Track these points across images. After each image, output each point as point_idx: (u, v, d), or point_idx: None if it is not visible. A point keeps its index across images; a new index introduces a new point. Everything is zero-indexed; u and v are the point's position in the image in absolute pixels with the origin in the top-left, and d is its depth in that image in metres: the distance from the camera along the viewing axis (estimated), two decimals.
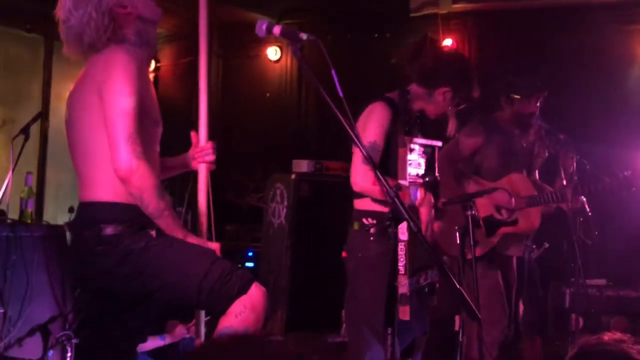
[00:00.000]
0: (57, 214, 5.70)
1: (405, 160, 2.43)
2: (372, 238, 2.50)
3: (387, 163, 2.49)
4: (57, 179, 6.24)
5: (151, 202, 1.91)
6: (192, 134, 2.29)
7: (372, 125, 2.53)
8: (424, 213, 2.45)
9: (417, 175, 2.53)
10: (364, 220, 2.56)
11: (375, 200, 2.52)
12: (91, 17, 1.97)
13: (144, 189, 1.89)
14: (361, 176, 2.48)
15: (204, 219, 2.27)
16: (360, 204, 2.61)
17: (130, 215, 1.95)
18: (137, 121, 1.91)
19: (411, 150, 2.48)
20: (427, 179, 2.50)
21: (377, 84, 2.94)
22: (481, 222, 3.07)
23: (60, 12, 2.03)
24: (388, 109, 2.53)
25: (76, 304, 3.14)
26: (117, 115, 1.88)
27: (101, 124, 1.93)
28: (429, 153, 2.60)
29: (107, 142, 1.91)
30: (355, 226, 2.59)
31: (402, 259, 2.31)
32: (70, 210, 4.77)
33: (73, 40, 2.02)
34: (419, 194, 2.44)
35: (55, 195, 6.19)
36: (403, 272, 2.34)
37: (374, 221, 2.51)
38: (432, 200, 2.48)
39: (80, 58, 2.08)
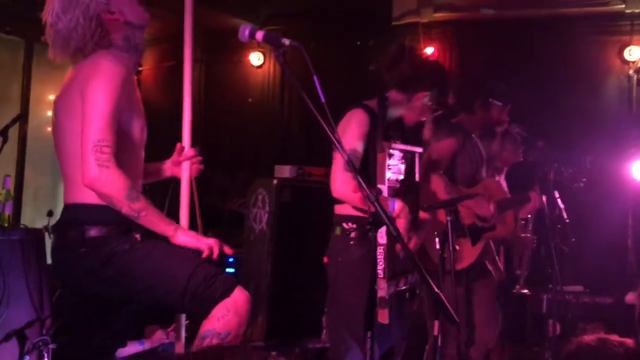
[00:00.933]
0: (35, 218, 5.63)
1: (383, 165, 2.45)
2: (352, 242, 2.52)
3: (366, 169, 2.50)
4: (35, 182, 6.17)
5: (122, 207, 1.93)
6: (178, 145, 2.30)
7: (350, 132, 2.54)
8: (401, 225, 2.42)
9: (397, 180, 2.55)
10: (344, 224, 2.58)
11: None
12: (78, 22, 1.98)
13: (110, 196, 1.92)
14: (341, 183, 2.50)
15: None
16: (340, 209, 2.62)
17: (114, 217, 1.96)
18: (112, 128, 1.93)
19: (390, 155, 2.50)
20: (406, 183, 2.52)
21: (360, 91, 2.96)
22: (466, 230, 3.09)
23: (47, 16, 2.03)
24: (366, 116, 2.56)
25: (54, 309, 3.11)
26: (91, 120, 1.91)
27: None
28: (408, 159, 2.62)
29: None
30: (337, 231, 2.60)
31: (380, 263, 2.34)
32: (49, 214, 4.71)
33: (60, 45, 2.04)
34: (397, 205, 2.44)
35: (34, 198, 6.11)
36: (382, 275, 2.36)
37: (354, 226, 2.53)
38: (409, 215, 2.47)
39: (65, 62, 2.09)
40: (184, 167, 2.28)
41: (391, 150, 2.51)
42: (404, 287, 2.53)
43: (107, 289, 1.99)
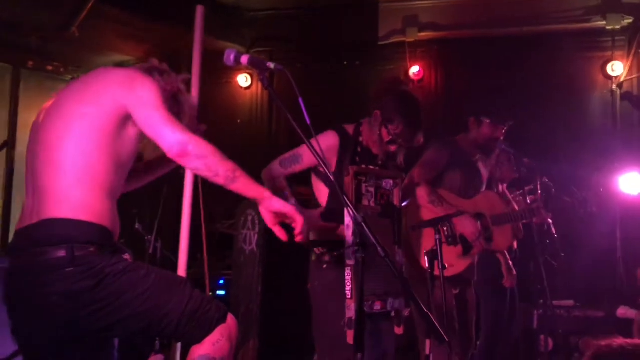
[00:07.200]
0: None
1: (349, 188, 2.50)
2: (325, 266, 2.55)
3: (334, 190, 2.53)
4: None
5: (219, 166, 1.86)
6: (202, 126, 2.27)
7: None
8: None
9: (369, 204, 2.59)
10: (315, 250, 2.61)
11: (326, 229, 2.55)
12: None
13: (205, 155, 1.85)
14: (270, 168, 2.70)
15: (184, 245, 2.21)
16: (311, 235, 2.64)
17: (103, 237, 1.83)
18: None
19: (360, 180, 2.53)
20: (381, 208, 2.54)
21: (348, 111, 2.97)
22: (459, 239, 3.10)
23: None
24: (336, 138, 2.58)
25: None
26: (152, 108, 1.86)
27: (92, 137, 1.85)
28: (389, 185, 2.65)
29: (93, 156, 1.84)
30: (312, 257, 2.64)
31: (348, 284, 2.39)
32: None
33: None
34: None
35: None
36: (349, 296, 2.41)
37: (325, 249, 2.56)
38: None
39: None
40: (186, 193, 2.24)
41: (362, 177, 2.54)
42: (380, 309, 2.53)
43: (89, 314, 1.80)
